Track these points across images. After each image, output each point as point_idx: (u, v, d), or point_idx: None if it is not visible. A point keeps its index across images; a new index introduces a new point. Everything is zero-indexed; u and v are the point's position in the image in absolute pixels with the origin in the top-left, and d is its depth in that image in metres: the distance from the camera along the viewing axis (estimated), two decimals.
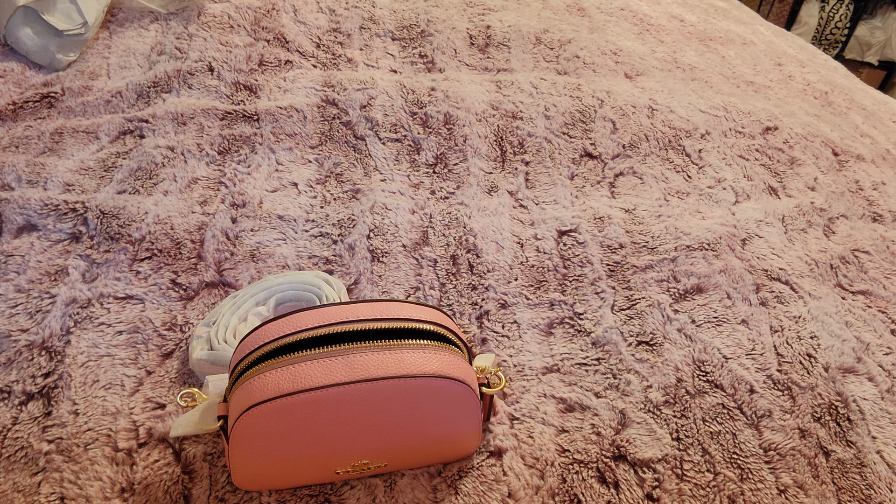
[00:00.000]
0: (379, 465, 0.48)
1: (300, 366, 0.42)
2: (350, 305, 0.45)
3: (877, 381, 0.63)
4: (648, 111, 0.97)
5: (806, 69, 1.27)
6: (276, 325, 0.44)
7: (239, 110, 0.87)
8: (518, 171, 0.85)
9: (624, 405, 0.58)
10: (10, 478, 0.48)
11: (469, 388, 0.45)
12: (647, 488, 0.52)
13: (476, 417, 0.48)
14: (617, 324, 0.66)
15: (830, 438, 0.57)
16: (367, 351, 0.43)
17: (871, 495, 0.54)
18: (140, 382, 0.56)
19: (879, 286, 0.74)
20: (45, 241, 0.67)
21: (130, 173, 0.76)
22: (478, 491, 0.50)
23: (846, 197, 0.88)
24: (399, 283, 0.68)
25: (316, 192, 0.78)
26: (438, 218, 0.76)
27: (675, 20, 1.35)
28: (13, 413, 0.52)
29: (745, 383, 0.61)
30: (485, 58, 1.08)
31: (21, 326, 0.59)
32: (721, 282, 0.71)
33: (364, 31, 1.10)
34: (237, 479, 0.46)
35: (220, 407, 0.45)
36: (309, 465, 0.46)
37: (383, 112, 0.90)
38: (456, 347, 0.47)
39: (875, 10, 3.03)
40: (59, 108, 0.86)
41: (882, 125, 1.12)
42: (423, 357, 0.44)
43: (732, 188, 0.86)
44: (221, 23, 1.02)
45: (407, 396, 0.43)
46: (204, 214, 0.72)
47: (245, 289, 0.62)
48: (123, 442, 0.51)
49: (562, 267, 0.72)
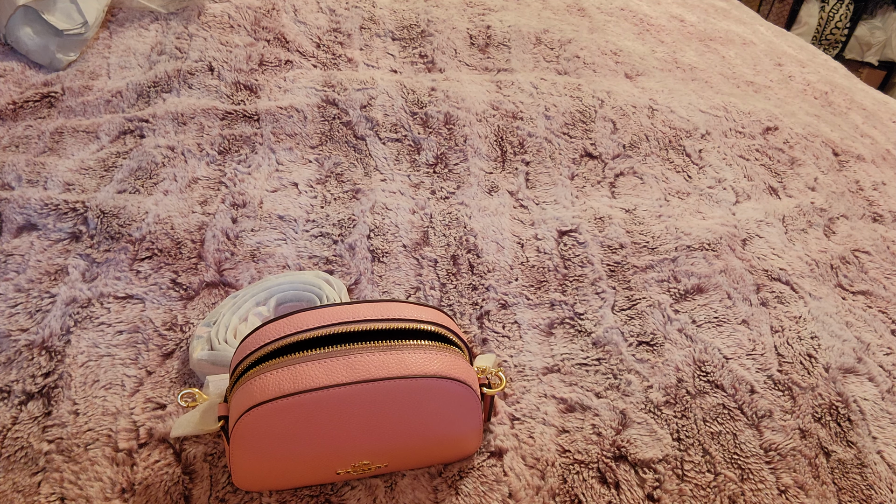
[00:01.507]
0: (380, 466, 0.48)
1: (301, 366, 0.42)
2: (351, 306, 0.45)
3: (877, 382, 0.63)
4: (649, 111, 0.97)
5: (806, 69, 1.27)
6: (276, 325, 0.44)
7: (239, 110, 0.87)
8: (518, 171, 0.85)
9: (624, 405, 0.58)
10: (10, 478, 0.48)
11: (470, 388, 0.45)
12: (647, 489, 0.52)
13: (477, 418, 0.48)
14: (617, 324, 0.65)
15: (831, 439, 0.57)
16: (369, 351, 0.43)
17: (871, 496, 0.54)
18: (140, 382, 0.56)
19: (880, 286, 0.74)
20: (45, 241, 0.67)
21: (130, 173, 0.76)
22: (478, 491, 0.50)
23: (846, 197, 0.88)
24: (399, 283, 0.68)
25: (316, 192, 0.78)
26: (439, 218, 0.76)
27: (675, 20, 1.35)
28: (13, 413, 0.52)
29: (746, 383, 0.61)
30: (485, 58, 1.08)
31: (21, 326, 0.59)
32: (721, 282, 0.71)
33: (364, 31, 1.10)
34: (238, 479, 0.46)
35: (220, 407, 0.45)
36: (310, 465, 0.46)
37: (383, 112, 0.90)
38: (457, 348, 0.47)
39: (875, 10, 3.03)
40: (59, 107, 0.86)
41: (882, 125, 1.12)
42: (425, 357, 0.44)
43: (733, 188, 0.86)
44: (221, 23, 1.02)
45: (408, 397, 0.43)
46: (204, 214, 0.72)
47: (245, 289, 0.62)
48: (124, 442, 0.51)
49: (562, 267, 0.72)
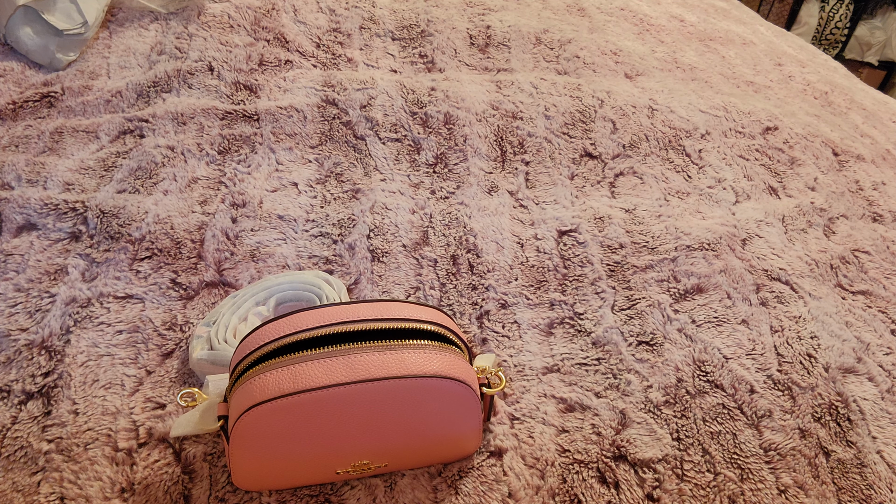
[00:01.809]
0: (379, 466, 0.48)
1: (301, 366, 0.42)
2: (350, 305, 0.45)
3: (877, 382, 0.63)
4: (648, 111, 0.97)
5: (806, 69, 1.27)
6: (276, 325, 0.44)
7: (239, 110, 0.87)
8: (518, 171, 0.85)
9: (624, 405, 0.58)
10: (10, 477, 0.48)
11: (469, 388, 0.45)
12: (647, 488, 0.52)
13: (476, 417, 0.48)
14: (617, 324, 0.65)
15: (831, 438, 0.57)
16: (368, 351, 0.43)
17: (871, 495, 0.54)
18: (140, 382, 0.56)
19: (879, 286, 0.74)
20: (44, 241, 0.67)
21: (130, 173, 0.76)
22: (478, 491, 0.50)
23: (846, 197, 0.88)
24: (399, 283, 0.68)
25: (316, 191, 0.78)
26: (438, 218, 0.76)
27: (675, 20, 1.35)
28: (13, 412, 0.52)
29: (746, 383, 0.61)
30: (485, 58, 1.08)
31: (21, 326, 0.59)
32: (721, 282, 0.71)
33: (364, 31, 1.10)
34: (237, 479, 0.46)
35: (220, 407, 0.45)
36: (309, 465, 0.46)
37: (383, 112, 0.90)
38: (456, 348, 0.47)
39: (875, 10, 3.03)
40: (59, 107, 0.86)
41: (882, 125, 1.12)
42: (424, 357, 0.44)
43: (732, 188, 0.86)
44: (221, 23, 1.02)
45: (408, 396, 0.43)
46: (204, 214, 0.72)
47: (245, 289, 0.62)
48: (123, 442, 0.51)
49: (562, 267, 0.72)
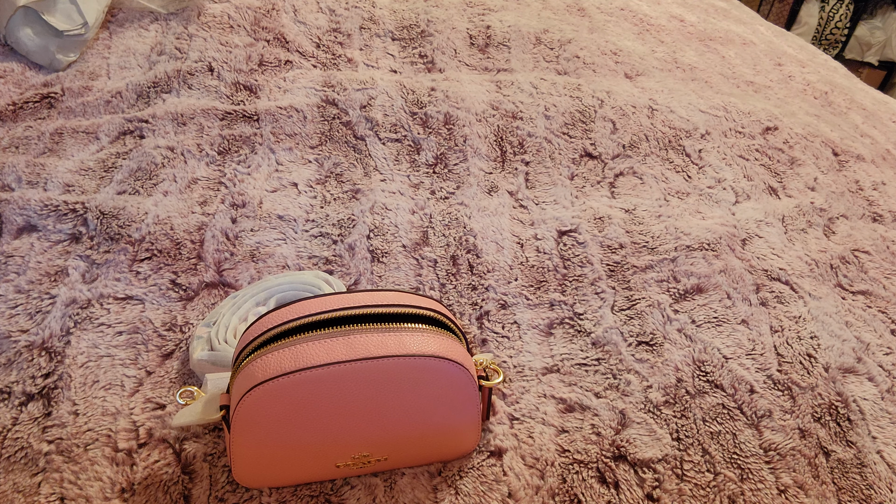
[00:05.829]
0: (379, 459, 0.48)
1: (302, 346, 0.43)
2: (352, 294, 0.47)
3: (877, 381, 0.63)
4: (648, 111, 0.97)
5: (806, 69, 1.27)
6: (279, 313, 0.45)
7: (239, 110, 0.87)
8: (518, 172, 0.85)
9: (624, 405, 0.58)
10: (10, 478, 0.48)
11: (467, 371, 0.46)
12: (647, 488, 0.52)
13: (475, 407, 0.48)
14: (617, 324, 0.65)
15: (830, 438, 0.57)
16: (368, 332, 0.44)
17: (871, 495, 0.54)
18: (140, 383, 0.56)
19: (879, 286, 0.74)
20: (44, 242, 0.67)
21: (130, 174, 0.76)
22: (478, 491, 0.50)
23: (846, 197, 0.88)
24: (399, 283, 0.68)
25: (316, 192, 0.78)
26: (438, 218, 0.76)
27: (675, 20, 1.35)
28: (13, 413, 0.52)
29: (746, 383, 0.61)
30: (485, 58, 1.08)
31: (21, 327, 0.59)
32: (721, 282, 0.71)
33: (364, 31, 1.10)
34: (238, 472, 0.47)
35: (222, 397, 0.46)
36: (310, 454, 0.46)
37: (383, 112, 0.90)
38: (455, 335, 0.48)
39: (875, 10, 3.03)
40: (59, 108, 0.86)
41: (882, 125, 1.12)
42: (423, 339, 0.45)
43: (732, 188, 0.86)
44: (221, 23, 1.02)
45: (406, 376, 0.44)
46: (204, 215, 0.72)
47: (245, 289, 0.62)
48: (123, 442, 0.51)
49: (562, 267, 0.72)
